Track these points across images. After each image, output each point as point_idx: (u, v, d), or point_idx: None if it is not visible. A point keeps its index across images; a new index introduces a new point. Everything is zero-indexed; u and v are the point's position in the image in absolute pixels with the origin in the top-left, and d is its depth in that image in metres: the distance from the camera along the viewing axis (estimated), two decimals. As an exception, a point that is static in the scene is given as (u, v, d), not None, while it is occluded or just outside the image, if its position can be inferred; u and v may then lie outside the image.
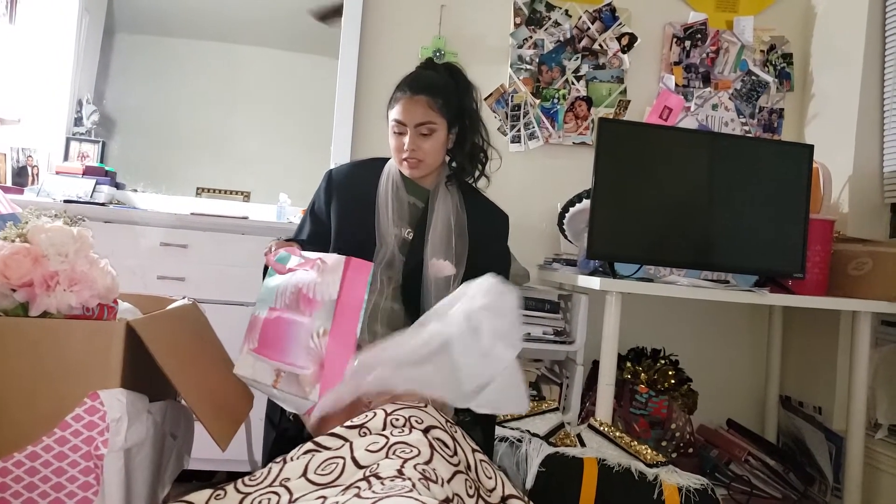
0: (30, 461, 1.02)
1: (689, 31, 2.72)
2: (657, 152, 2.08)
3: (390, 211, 1.51)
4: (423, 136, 1.49)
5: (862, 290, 2.12)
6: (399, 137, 1.50)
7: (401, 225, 1.52)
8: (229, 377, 1.46)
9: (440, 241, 1.49)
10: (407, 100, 1.48)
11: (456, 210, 1.54)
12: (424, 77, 1.54)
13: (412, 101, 1.48)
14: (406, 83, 1.51)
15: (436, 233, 1.50)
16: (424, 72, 1.57)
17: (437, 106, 1.48)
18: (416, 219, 1.54)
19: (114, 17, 2.66)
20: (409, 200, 1.56)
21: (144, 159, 2.62)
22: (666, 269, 2.21)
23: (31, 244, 1.07)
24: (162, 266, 2.08)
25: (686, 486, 1.62)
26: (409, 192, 1.56)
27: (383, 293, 1.49)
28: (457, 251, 1.49)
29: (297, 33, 2.75)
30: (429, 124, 1.48)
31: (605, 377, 1.90)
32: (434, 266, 1.47)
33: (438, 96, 1.49)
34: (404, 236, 1.52)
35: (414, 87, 1.49)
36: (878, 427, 2.26)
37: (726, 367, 2.70)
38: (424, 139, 1.49)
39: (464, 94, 1.55)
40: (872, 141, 2.44)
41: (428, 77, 1.54)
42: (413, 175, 1.54)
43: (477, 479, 1.08)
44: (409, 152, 1.49)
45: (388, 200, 1.52)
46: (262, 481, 1.02)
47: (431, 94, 1.48)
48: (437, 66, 1.60)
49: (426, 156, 1.50)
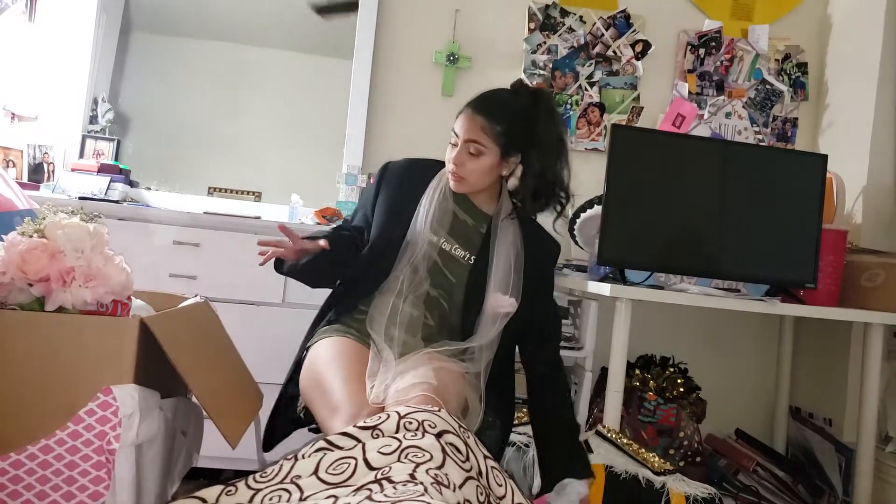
0: (43, 454, 1.03)
1: (704, 38, 2.71)
2: (669, 160, 2.08)
3: (430, 216, 1.49)
4: (470, 154, 1.47)
5: (874, 302, 2.11)
6: (452, 148, 1.49)
7: (440, 234, 1.50)
8: (240, 376, 1.47)
9: (502, 276, 1.48)
10: (466, 115, 1.47)
11: (517, 245, 1.52)
12: (494, 98, 1.50)
13: (469, 118, 1.46)
14: (474, 98, 1.50)
15: (499, 266, 1.48)
16: (501, 92, 1.53)
17: (492, 130, 1.45)
18: (477, 244, 1.52)
19: (130, 17, 2.68)
20: (461, 216, 1.53)
21: (158, 158, 2.64)
22: (677, 277, 2.20)
23: (48, 240, 1.09)
24: (174, 264, 2.10)
25: (693, 494, 1.61)
26: (460, 207, 1.54)
27: (403, 296, 1.47)
28: (514, 288, 1.48)
29: (310, 35, 2.76)
30: (477, 144, 1.45)
31: (613, 384, 1.89)
32: (497, 300, 1.46)
33: (498, 122, 1.45)
34: (444, 247, 1.50)
35: (477, 105, 1.48)
36: (888, 440, 2.24)
37: (736, 376, 2.69)
38: (470, 158, 1.47)
39: (538, 124, 1.50)
40: (887, 151, 2.42)
41: (499, 99, 1.50)
42: (456, 189, 1.52)
43: (488, 486, 1.08)
44: (453, 165, 1.48)
45: (431, 205, 1.50)
46: (273, 478, 1.02)
47: (491, 116, 1.45)
48: (522, 88, 1.55)
49: (469, 174, 1.48)
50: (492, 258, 1.49)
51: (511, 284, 1.48)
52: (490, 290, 1.47)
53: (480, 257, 1.50)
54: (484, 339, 1.44)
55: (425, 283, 1.48)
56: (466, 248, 1.51)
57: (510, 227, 1.54)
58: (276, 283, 2.14)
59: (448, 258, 1.50)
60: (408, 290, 1.47)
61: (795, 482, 2.24)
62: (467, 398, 1.33)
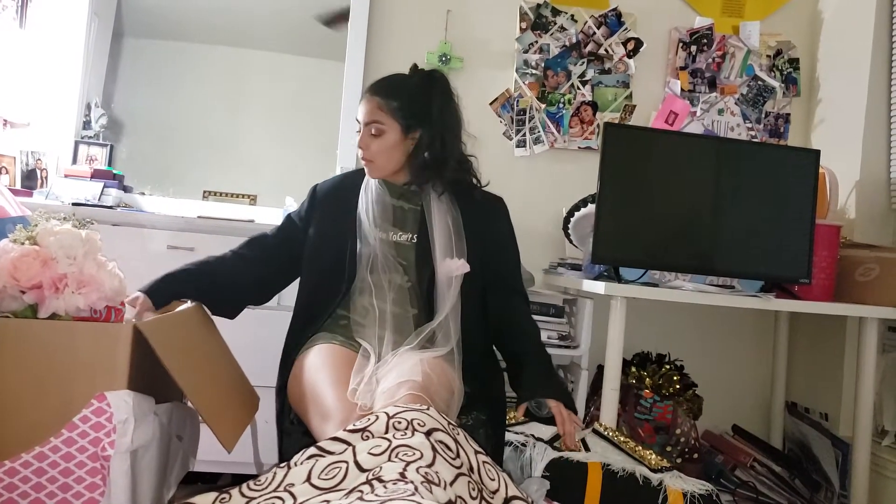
0: (37, 461, 1.03)
1: (695, 35, 2.72)
2: (662, 157, 2.08)
3: (371, 214, 1.53)
4: (372, 136, 1.51)
5: (869, 296, 2.11)
6: (357, 136, 1.54)
7: (386, 228, 1.54)
8: (236, 379, 1.47)
9: (445, 243, 1.51)
10: (364, 99, 1.53)
11: (451, 212, 1.55)
12: (388, 79, 1.57)
13: (367, 101, 1.52)
14: (371, 84, 1.55)
15: (440, 235, 1.51)
16: (396, 76, 1.59)
17: (388, 107, 1.50)
18: (416, 223, 1.55)
19: (122, 22, 2.68)
20: (396, 204, 1.56)
21: (152, 162, 2.64)
22: (671, 274, 2.21)
23: (40, 247, 1.09)
24: (169, 269, 2.09)
25: (691, 491, 1.62)
26: (394, 196, 1.57)
27: (385, 298, 1.48)
28: (457, 250, 1.51)
29: (303, 37, 2.77)
30: (377, 124, 1.50)
31: (609, 382, 1.89)
32: (446, 265, 1.48)
33: (394, 98, 1.50)
34: (392, 239, 1.53)
35: (373, 87, 1.53)
36: (884, 434, 2.25)
37: (732, 372, 2.70)
38: (373, 139, 1.51)
39: (432, 101, 1.53)
40: (879, 146, 2.43)
41: (392, 80, 1.57)
42: (371, 174, 1.56)
43: (480, 481, 1.08)
44: (359, 150, 1.53)
45: (368, 204, 1.54)
46: (267, 486, 1.02)
47: (387, 95, 1.51)
48: (416, 71, 1.61)
49: (376, 156, 1.52)
50: (432, 229, 1.52)
51: (454, 248, 1.51)
52: (437, 259, 1.49)
53: (421, 234, 1.53)
54: (447, 307, 1.45)
55: (396, 277, 1.51)
56: (407, 230, 1.55)
57: (442, 197, 1.56)
58: (272, 287, 2.14)
59: (399, 247, 1.54)
60: (388, 291, 1.49)
61: (792, 477, 2.25)
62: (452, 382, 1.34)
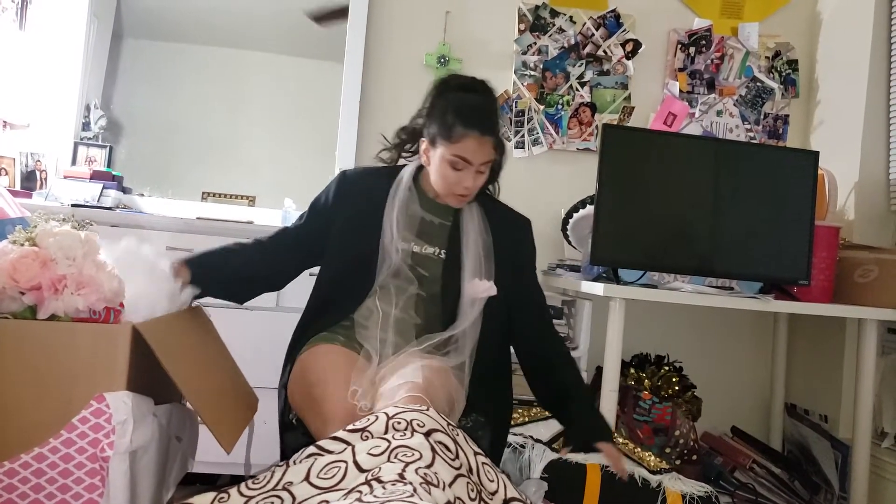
0: (36, 462, 1.03)
1: (694, 37, 2.72)
2: (661, 158, 2.08)
3: (395, 225, 1.49)
4: (480, 173, 1.48)
5: (868, 298, 2.11)
6: (457, 173, 1.46)
7: (409, 238, 1.51)
8: (234, 381, 1.47)
9: (475, 263, 1.50)
10: (477, 140, 1.44)
11: (483, 232, 1.54)
12: (487, 112, 1.49)
13: (482, 143, 1.44)
14: (474, 121, 1.44)
15: (469, 254, 1.50)
16: (483, 103, 1.51)
17: (495, 143, 1.48)
18: (444, 238, 1.53)
19: (122, 23, 2.68)
20: (426, 217, 1.54)
21: (151, 164, 2.64)
22: (670, 276, 2.21)
23: (39, 248, 1.09)
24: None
25: (690, 493, 1.62)
26: (424, 208, 1.54)
27: (393, 303, 1.47)
28: (486, 271, 1.50)
29: (302, 38, 2.77)
30: (489, 162, 1.48)
31: (608, 383, 1.89)
32: (473, 286, 1.47)
33: (498, 133, 1.49)
34: (413, 250, 1.51)
35: (484, 127, 1.45)
36: (884, 435, 2.25)
37: (731, 373, 2.70)
38: (480, 176, 1.48)
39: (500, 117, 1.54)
40: (878, 147, 2.43)
41: (489, 112, 1.50)
42: (458, 206, 1.54)
43: (479, 482, 1.08)
44: (465, 189, 1.48)
45: (395, 215, 1.50)
46: (266, 485, 1.02)
47: (493, 132, 1.47)
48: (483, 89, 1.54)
49: (476, 190, 1.50)
50: (464, 247, 1.51)
51: (483, 270, 1.50)
52: (466, 278, 1.48)
53: (451, 250, 1.52)
54: (465, 323, 1.45)
55: (410, 286, 1.50)
56: (434, 244, 1.53)
57: (474, 213, 1.56)
58: (271, 288, 2.14)
59: (419, 258, 1.52)
60: (396, 297, 1.48)
61: (792, 479, 2.25)
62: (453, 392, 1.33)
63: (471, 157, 1.44)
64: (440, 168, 1.48)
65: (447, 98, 1.50)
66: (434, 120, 1.49)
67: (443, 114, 1.46)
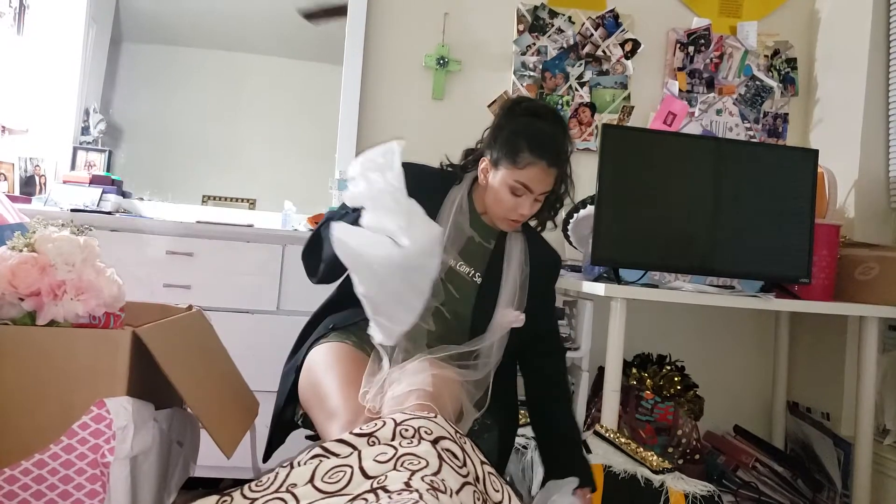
0: (37, 469, 1.03)
1: (693, 36, 2.72)
2: (661, 158, 2.08)
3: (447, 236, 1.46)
4: (537, 201, 1.46)
5: (869, 296, 2.11)
6: (515, 199, 1.44)
7: (452, 253, 1.49)
8: (235, 385, 1.47)
9: (511, 291, 1.48)
10: (543, 170, 1.41)
11: (522, 261, 1.53)
12: (557, 143, 1.45)
13: (547, 173, 1.42)
14: (543, 150, 1.41)
15: (508, 281, 1.48)
16: (554, 133, 1.46)
17: (559, 175, 1.46)
18: (483, 261, 1.51)
19: (120, 27, 2.68)
20: (472, 235, 1.52)
21: (150, 168, 2.64)
22: (671, 275, 2.21)
23: (38, 253, 1.09)
24: (168, 274, 2.09)
25: (693, 492, 1.61)
26: (473, 227, 1.52)
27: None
28: (519, 302, 1.49)
29: (300, 40, 2.77)
30: (548, 192, 1.47)
31: (610, 383, 1.89)
32: (505, 315, 1.45)
33: (565, 166, 1.46)
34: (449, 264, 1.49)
35: (552, 158, 1.41)
36: (886, 433, 2.24)
37: (732, 372, 2.69)
38: (537, 204, 1.47)
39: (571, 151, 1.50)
40: (877, 145, 2.43)
41: (560, 143, 1.46)
42: (510, 230, 1.52)
43: (485, 492, 1.07)
44: (520, 216, 1.46)
45: (448, 228, 1.47)
46: (269, 487, 1.01)
47: (562, 165, 1.45)
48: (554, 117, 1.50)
49: (527, 217, 1.49)
50: (504, 274, 1.49)
51: (517, 300, 1.48)
52: (500, 305, 1.46)
53: (488, 274, 1.50)
54: (486, 342, 1.44)
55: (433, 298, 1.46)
56: (471, 264, 1.51)
57: (518, 242, 1.54)
58: (270, 291, 2.14)
59: (453, 274, 1.49)
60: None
61: (795, 477, 2.24)
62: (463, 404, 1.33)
63: (533, 185, 1.42)
64: (499, 191, 1.45)
65: (517, 122, 1.46)
66: (500, 142, 1.45)
67: (512, 137, 1.43)
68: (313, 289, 1.56)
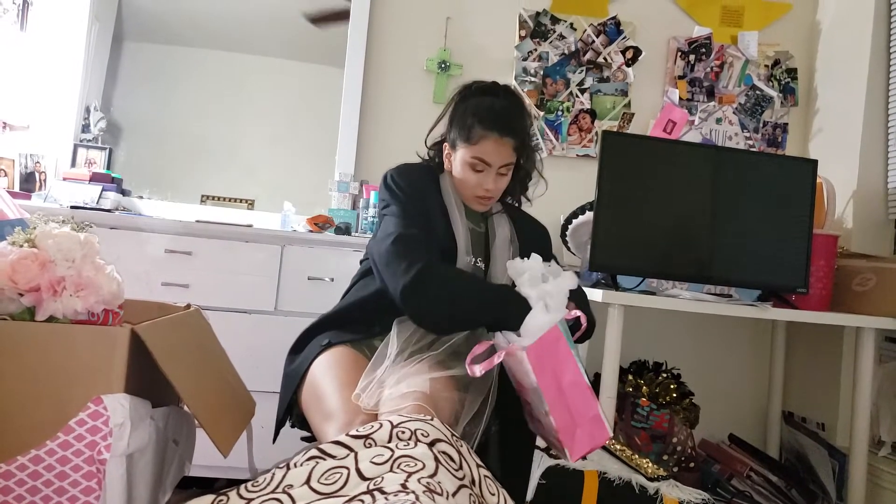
0: (33, 465, 1.03)
1: (694, 45, 2.73)
2: (660, 165, 2.09)
3: (464, 240, 1.46)
4: (501, 175, 1.47)
5: (866, 306, 2.12)
6: (477, 175, 1.46)
7: (470, 252, 1.48)
8: (232, 384, 1.46)
9: (503, 270, 1.47)
10: (495, 141, 1.43)
11: (512, 238, 1.54)
12: (508, 114, 1.47)
13: (501, 144, 1.43)
14: (493, 122, 1.43)
15: (497, 261, 1.49)
16: (504, 106, 1.48)
17: (516, 146, 1.46)
18: (482, 247, 1.52)
19: (122, 26, 2.68)
20: (470, 227, 1.52)
21: (150, 166, 2.64)
22: (668, 283, 2.21)
23: (38, 249, 1.08)
24: (167, 272, 2.09)
25: (687, 500, 1.62)
26: (469, 219, 1.52)
27: None
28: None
29: (302, 42, 2.77)
30: (509, 165, 1.47)
31: (606, 390, 1.89)
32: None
33: (520, 136, 1.47)
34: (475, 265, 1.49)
35: (503, 128, 1.43)
36: (881, 444, 2.25)
37: (728, 381, 2.70)
38: (502, 178, 1.48)
39: (528, 124, 1.52)
40: (877, 156, 2.44)
41: (511, 114, 1.48)
42: (480, 209, 1.53)
43: (480, 495, 1.07)
44: (486, 191, 1.47)
45: (461, 229, 1.47)
46: (265, 487, 1.01)
47: (516, 135, 1.45)
48: (505, 92, 1.51)
49: (498, 193, 1.50)
50: (493, 255, 1.50)
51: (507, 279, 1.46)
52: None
53: (486, 258, 1.51)
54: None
55: None
56: (478, 254, 1.52)
57: (503, 221, 1.56)
58: (268, 291, 2.14)
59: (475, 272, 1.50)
60: None
61: (789, 487, 2.24)
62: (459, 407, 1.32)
63: (490, 158, 1.44)
64: (461, 171, 1.48)
65: (468, 102, 1.49)
66: (455, 124, 1.49)
67: (463, 117, 1.46)
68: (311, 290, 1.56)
